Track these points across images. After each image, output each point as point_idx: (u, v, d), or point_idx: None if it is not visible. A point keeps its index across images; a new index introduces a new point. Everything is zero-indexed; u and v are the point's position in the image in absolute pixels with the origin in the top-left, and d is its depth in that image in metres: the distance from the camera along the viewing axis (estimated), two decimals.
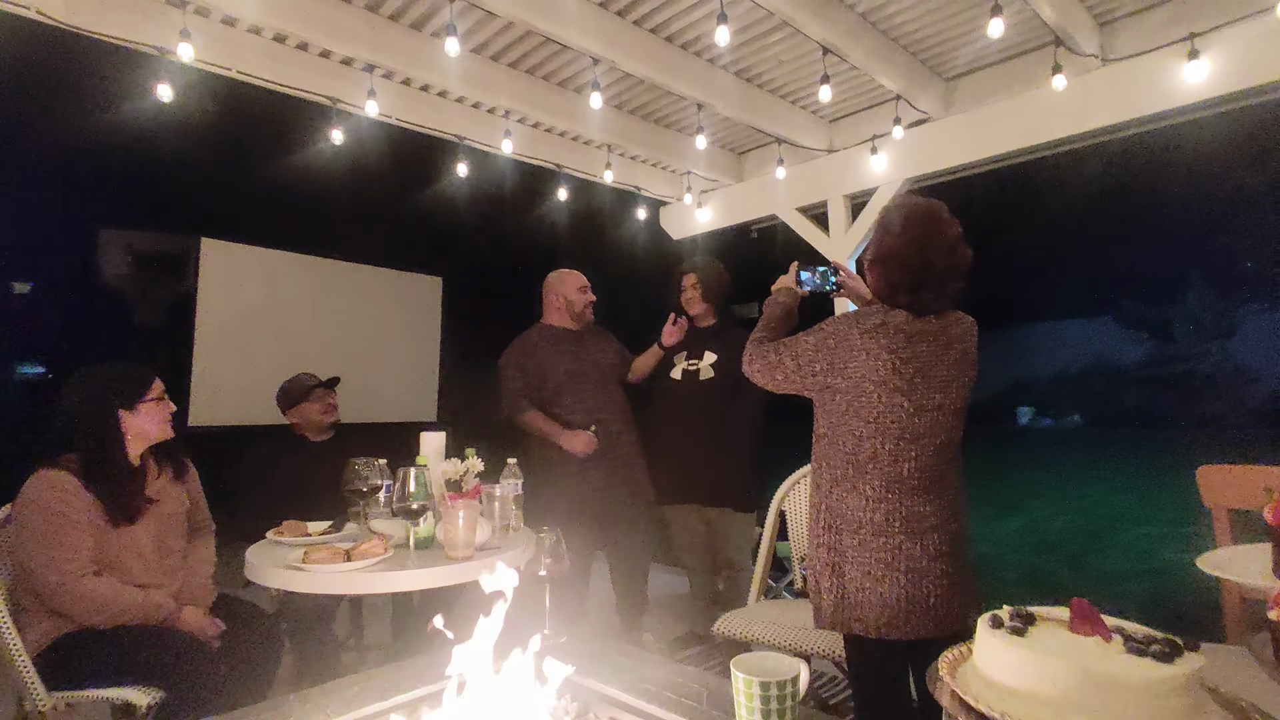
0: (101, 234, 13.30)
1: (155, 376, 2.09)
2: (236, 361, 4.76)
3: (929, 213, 1.65)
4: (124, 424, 1.99)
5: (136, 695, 1.80)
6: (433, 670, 1.33)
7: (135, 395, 2.00)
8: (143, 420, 2.02)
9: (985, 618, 0.91)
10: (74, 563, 1.83)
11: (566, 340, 3.15)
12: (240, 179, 4.71)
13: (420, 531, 1.95)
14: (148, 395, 2.02)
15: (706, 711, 1.20)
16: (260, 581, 1.92)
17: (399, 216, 5.43)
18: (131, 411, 2.00)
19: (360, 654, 2.94)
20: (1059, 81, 2.97)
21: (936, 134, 3.59)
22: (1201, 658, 0.80)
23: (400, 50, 2.96)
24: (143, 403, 2.01)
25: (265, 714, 1.24)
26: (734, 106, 3.49)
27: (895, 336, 1.61)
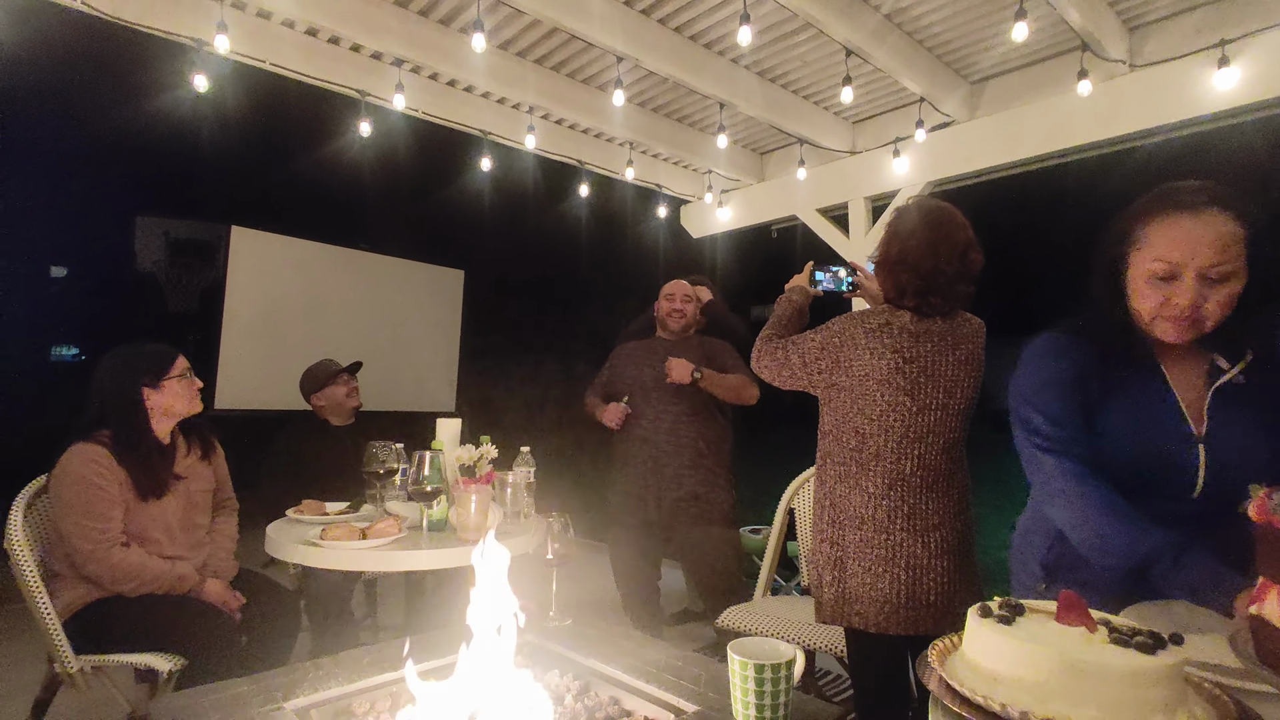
0: (137, 221, 13.60)
1: (178, 354, 2.15)
2: (262, 347, 4.86)
3: (940, 216, 1.66)
4: (149, 401, 2.07)
5: (160, 661, 1.88)
6: (441, 645, 1.37)
7: (158, 373, 2.08)
8: (168, 397, 2.09)
9: (975, 608, 0.93)
10: (106, 533, 1.91)
11: (653, 350, 3.08)
12: (270, 169, 4.83)
13: (434, 514, 2.00)
14: (171, 372, 2.09)
15: (703, 693, 1.23)
16: (279, 556, 1.98)
17: (423, 209, 5.52)
18: (156, 389, 2.07)
19: (375, 634, 3.01)
20: (1085, 86, 2.95)
21: (960, 137, 3.58)
22: (1185, 651, 0.81)
23: (428, 45, 3.02)
24: (166, 380, 2.08)
25: (282, 679, 1.29)
26: (756, 106, 3.51)
27: (900, 336, 1.62)
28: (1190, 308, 1.11)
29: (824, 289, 1.99)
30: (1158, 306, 1.14)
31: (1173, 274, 1.12)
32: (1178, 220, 1.13)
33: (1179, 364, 1.20)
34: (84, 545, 1.89)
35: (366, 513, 2.28)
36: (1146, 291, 1.15)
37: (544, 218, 5.33)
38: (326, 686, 1.26)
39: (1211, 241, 1.10)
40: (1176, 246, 1.12)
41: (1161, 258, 1.13)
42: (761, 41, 3.15)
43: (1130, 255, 1.18)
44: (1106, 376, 1.20)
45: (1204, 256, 1.10)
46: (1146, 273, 1.15)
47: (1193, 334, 1.14)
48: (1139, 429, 1.17)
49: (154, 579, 1.95)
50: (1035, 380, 1.25)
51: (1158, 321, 1.15)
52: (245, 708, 1.17)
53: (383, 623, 3.12)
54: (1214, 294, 1.11)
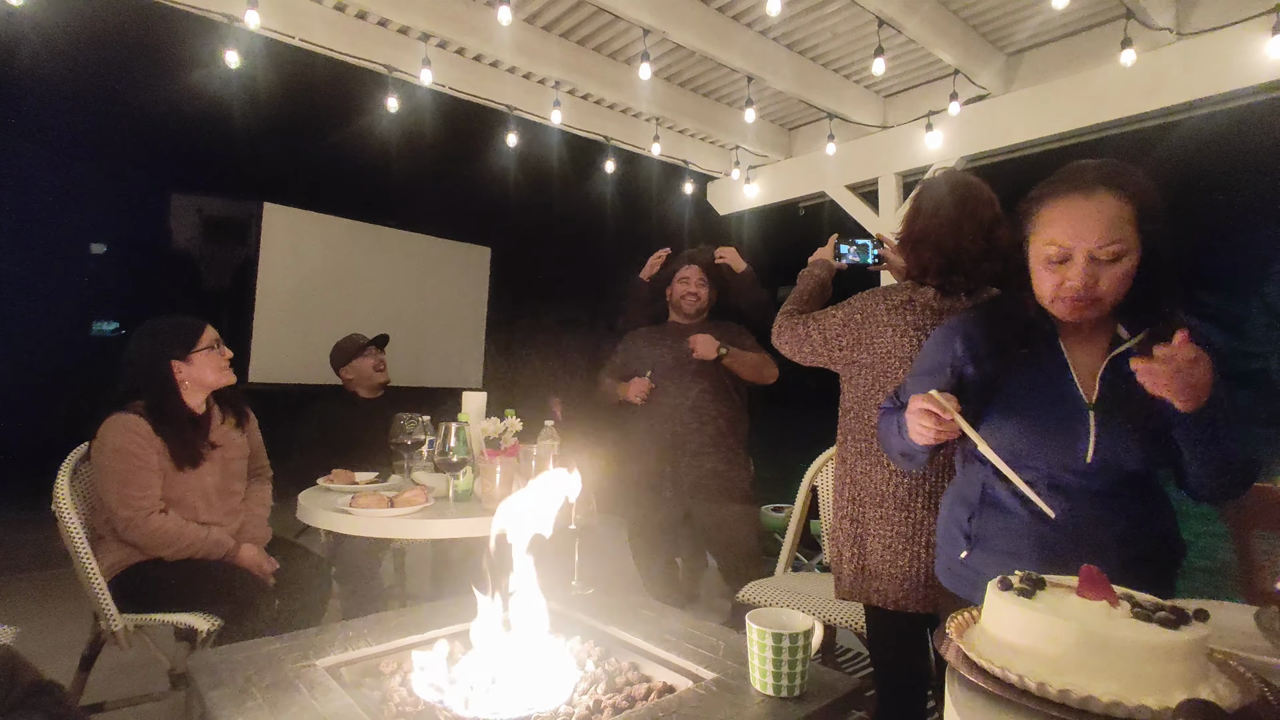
0: (172, 199, 13.85)
1: (206, 326, 2.19)
2: (294, 323, 4.96)
3: (965, 193, 1.62)
4: (179, 373, 2.11)
5: (199, 621, 1.95)
6: (468, 611, 1.41)
7: (186, 345, 2.12)
8: (198, 369, 2.13)
9: (995, 581, 0.93)
10: (145, 500, 1.98)
11: (670, 332, 3.09)
12: (300, 145, 4.88)
13: (460, 484, 2.04)
14: (199, 345, 2.13)
15: (721, 661, 1.24)
16: (310, 523, 2.04)
17: (450, 185, 5.55)
18: (185, 361, 2.12)
19: (403, 602, 3.09)
20: (1128, 56, 2.84)
21: (996, 111, 3.48)
22: (1208, 628, 0.80)
23: (455, 19, 3.01)
24: (195, 352, 2.12)
25: (313, 639, 1.34)
26: (786, 80, 3.44)
27: (922, 313, 1.60)
28: (1083, 288, 1.14)
29: (848, 262, 1.97)
30: (1054, 288, 1.18)
31: (1065, 256, 1.16)
32: (1067, 203, 1.16)
33: (1082, 338, 1.25)
34: (124, 512, 1.96)
35: (394, 483, 2.34)
36: (1043, 274, 1.20)
37: (569, 194, 5.33)
38: (356, 646, 1.31)
39: (1100, 222, 1.13)
40: (1066, 229, 1.15)
41: (1053, 240, 1.17)
42: (791, 12, 3.08)
43: (1029, 238, 1.23)
44: (1012, 353, 1.26)
45: (1093, 237, 1.13)
46: (1042, 256, 1.19)
47: (1090, 313, 1.18)
48: (1036, 400, 1.23)
49: (191, 544, 2.02)
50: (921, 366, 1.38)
51: (1055, 302, 1.19)
52: (279, 664, 1.22)
53: (411, 591, 3.20)
54: (1106, 273, 1.15)
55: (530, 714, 1.11)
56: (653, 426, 3.00)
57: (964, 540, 1.32)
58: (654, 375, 3.00)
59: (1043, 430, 1.22)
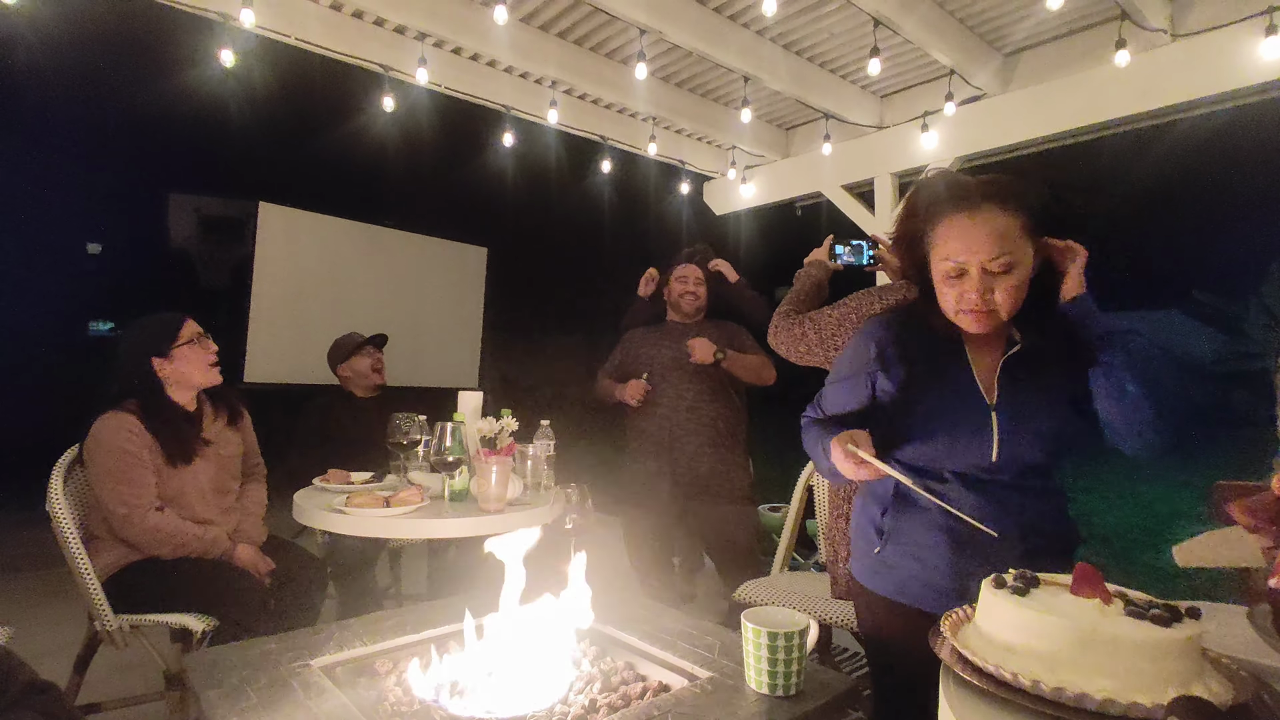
0: (169, 198, 13.81)
1: (185, 320, 2.15)
2: (290, 323, 4.94)
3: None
4: (162, 371, 2.10)
5: (193, 621, 1.95)
6: (463, 611, 1.41)
7: (165, 341, 2.09)
8: (180, 364, 2.11)
9: (989, 579, 0.94)
10: (140, 498, 1.97)
11: (668, 332, 3.09)
12: (296, 145, 4.88)
13: (455, 484, 2.03)
14: (178, 340, 2.11)
15: (717, 660, 1.25)
16: (306, 522, 2.04)
17: (447, 186, 5.55)
18: (166, 358, 2.10)
19: (398, 602, 3.09)
20: (1123, 57, 2.85)
21: (991, 111, 3.49)
22: (1201, 625, 0.80)
23: (451, 18, 3.01)
24: (175, 348, 2.10)
25: (308, 639, 1.33)
26: (782, 80, 3.45)
27: None
28: (980, 301, 1.20)
29: (844, 263, 1.97)
30: (955, 302, 1.24)
31: (961, 271, 1.21)
32: (956, 221, 1.22)
33: (982, 344, 1.32)
34: (119, 510, 1.96)
35: (390, 482, 2.33)
36: (944, 290, 1.26)
37: (566, 194, 5.33)
38: (351, 646, 1.30)
39: (989, 237, 1.18)
40: (959, 246, 1.21)
41: (949, 256, 1.22)
42: (787, 12, 3.08)
43: (930, 256, 1.28)
44: (917, 359, 1.33)
45: (984, 252, 1.19)
46: (941, 271, 1.25)
47: (990, 324, 1.24)
48: (945, 405, 1.30)
49: (188, 542, 2.02)
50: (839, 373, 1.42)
51: (959, 315, 1.25)
52: (274, 664, 1.21)
53: (406, 591, 3.19)
54: (1000, 285, 1.20)
55: (526, 713, 1.11)
56: (650, 427, 3.00)
57: (877, 536, 1.37)
58: (651, 376, 3.00)
59: (953, 433, 1.29)
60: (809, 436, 1.44)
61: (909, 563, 1.33)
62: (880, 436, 1.37)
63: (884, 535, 1.36)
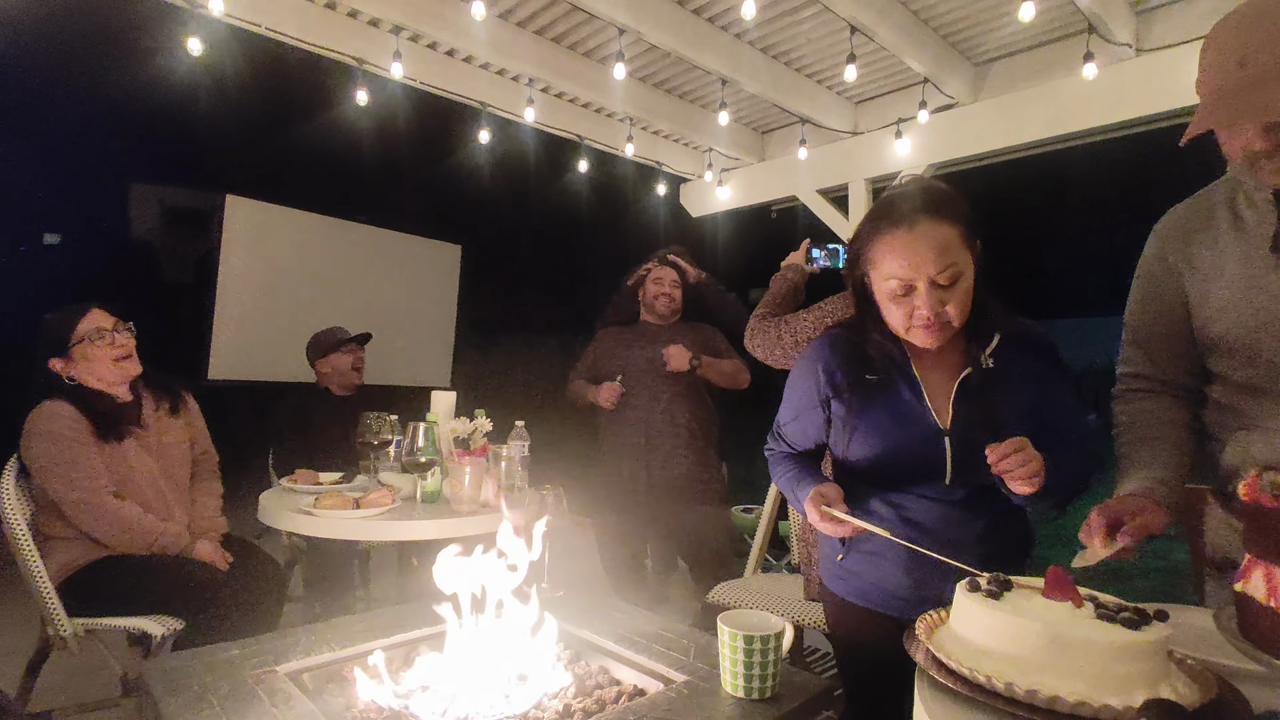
0: (130, 188, 13.42)
1: (84, 315, 2.01)
2: (256, 319, 4.84)
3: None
4: (67, 370, 2.00)
5: (153, 625, 1.89)
6: (435, 614, 1.38)
7: (60, 342, 1.99)
8: (84, 364, 1.99)
9: (963, 583, 0.94)
10: (93, 479, 1.92)
11: (643, 334, 3.07)
12: (266, 137, 4.77)
13: (428, 485, 2.00)
14: (74, 338, 1.99)
15: (693, 664, 1.24)
16: (272, 524, 1.99)
17: (420, 182, 5.47)
18: (65, 358, 1.99)
19: (368, 605, 3.03)
20: (1090, 70, 2.92)
21: (963, 119, 3.55)
22: (1169, 628, 0.82)
23: (427, 12, 2.97)
24: (73, 346, 1.99)
25: (274, 643, 1.30)
26: (759, 83, 3.47)
27: None
28: (932, 315, 1.20)
29: (820, 266, 1.99)
30: (906, 319, 1.23)
31: (908, 287, 1.21)
32: (895, 238, 1.21)
33: (934, 362, 1.31)
34: (72, 495, 1.89)
35: (360, 483, 2.29)
36: (892, 308, 1.25)
37: (542, 193, 5.28)
38: (319, 651, 1.27)
39: (932, 249, 1.18)
40: (904, 262, 1.20)
41: (894, 275, 1.21)
42: (765, 17, 3.10)
43: (870, 277, 1.28)
44: (863, 379, 1.33)
45: (930, 266, 1.18)
46: (886, 291, 1.24)
47: (945, 336, 1.24)
48: (896, 427, 1.30)
49: (147, 533, 1.96)
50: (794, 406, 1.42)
51: (912, 331, 1.25)
52: (238, 670, 1.18)
53: (375, 594, 3.14)
54: (950, 296, 1.20)
55: (499, 718, 1.09)
56: (624, 430, 2.99)
57: (840, 544, 1.39)
58: (626, 378, 2.99)
59: (906, 456, 1.29)
60: (779, 473, 1.44)
61: (870, 570, 1.36)
62: (835, 458, 1.41)
63: (846, 543, 1.38)
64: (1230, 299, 1.18)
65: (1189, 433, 1.26)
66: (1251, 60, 0.98)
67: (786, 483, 1.40)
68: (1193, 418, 1.28)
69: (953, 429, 1.27)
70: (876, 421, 1.31)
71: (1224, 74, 1.01)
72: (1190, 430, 1.26)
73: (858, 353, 1.34)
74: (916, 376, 1.30)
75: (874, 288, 1.28)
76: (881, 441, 1.30)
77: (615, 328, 3.17)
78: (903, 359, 1.31)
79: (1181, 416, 1.27)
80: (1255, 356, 1.17)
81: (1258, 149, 1.03)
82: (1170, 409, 1.27)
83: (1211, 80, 1.05)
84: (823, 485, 1.26)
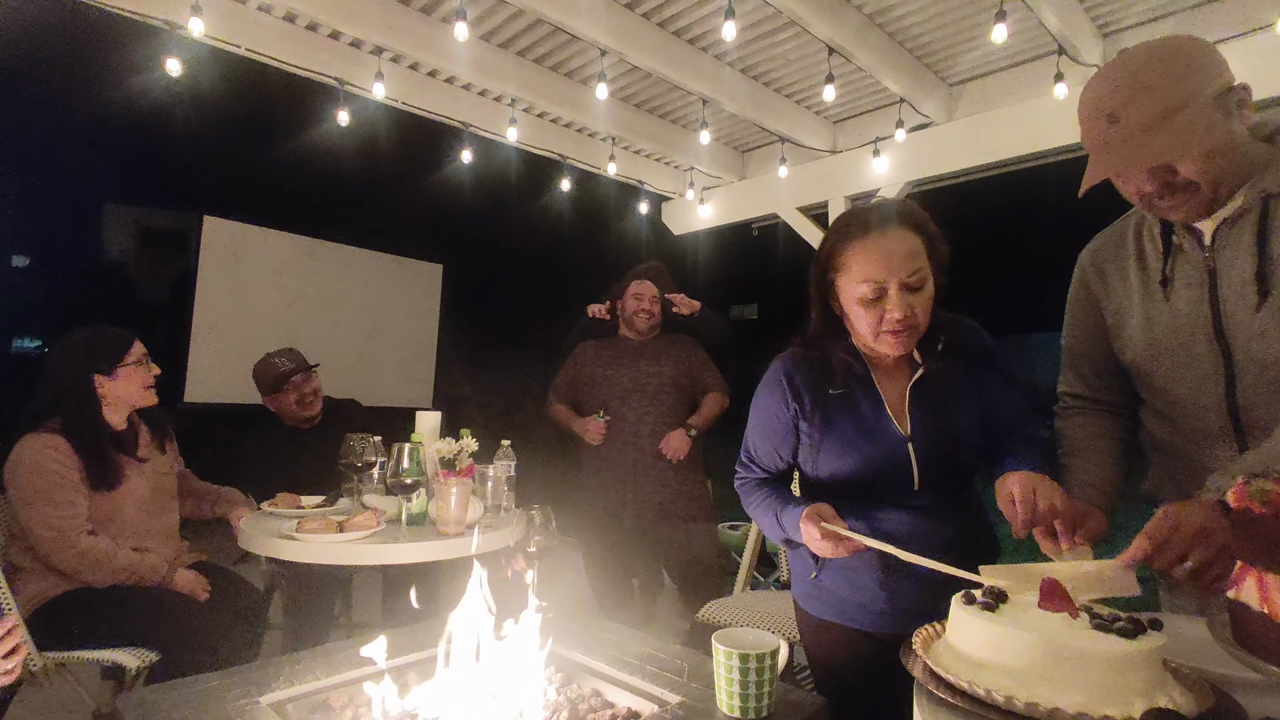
0: (105, 209, 13.24)
1: (134, 340, 2.09)
2: (234, 341, 4.77)
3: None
4: (102, 389, 2.01)
5: (126, 658, 1.83)
6: (421, 640, 1.36)
7: (112, 359, 2.01)
8: (122, 385, 2.03)
9: (959, 595, 0.94)
10: (71, 519, 1.87)
11: (624, 351, 3.07)
12: (245, 158, 4.75)
13: (413, 507, 1.97)
14: (126, 359, 2.03)
15: (686, 684, 1.22)
16: (253, 550, 1.94)
17: (402, 202, 5.47)
18: (110, 377, 2.01)
19: (349, 632, 2.97)
20: (1061, 90, 2.99)
21: (939, 138, 3.62)
22: (1163, 636, 0.82)
23: (410, 33, 2.98)
24: (121, 367, 2.02)
25: (256, 673, 1.26)
26: (739, 103, 3.51)
27: None
28: (903, 319, 1.23)
29: None
30: (876, 324, 1.25)
31: (880, 291, 1.24)
32: (870, 242, 1.24)
33: (889, 373, 1.35)
34: (46, 534, 1.84)
35: (343, 506, 2.25)
36: (861, 313, 1.27)
37: (525, 212, 5.30)
38: (303, 680, 1.24)
39: (904, 254, 1.23)
40: (878, 265, 1.23)
41: (868, 279, 1.24)
42: (745, 38, 3.15)
43: (838, 282, 1.30)
44: (826, 394, 1.34)
45: (902, 269, 1.22)
46: (857, 297, 1.26)
47: (912, 342, 1.28)
48: (862, 439, 1.32)
49: (124, 568, 1.91)
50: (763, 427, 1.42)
51: (881, 337, 1.27)
52: (218, 702, 1.14)
53: (358, 620, 3.07)
54: (917, 301, 1.24)
55: None
56: (610, 451, 2.98)
57: (812, 561, 1.39)
58: (609, 402, 2.99)
59: (876, 467, 1.31)
60: (753, 502, 1.43)
61: (844, 586, 1.36)
62: (804, 475, 1.42)
63: (819, 560, 1.38)
64: (1134, 329, 1.24)
65: (1123, 445, 1.32)
66: (1120, 115, 1.06)
67: (764, 508, 1.39)
68: (1127, 430, 1.33)
69: (914, 435, 1.30)
70: (842, 435, 1.33)
71: (1100, 130, 1.09)
72: (1125, 442, 1.32)
73: (818, 367, 1.36)
74: (877, 387, 1.33)
75: (841, 295, 1.30)
76: (849, 455, 1.32)
77: (594, 343, 3.16)
78: (864, 371, 1.34)
79: (1116, 429, 1.33)
80: (1153, 386, 1.24)
81: (1148, 190, 1.11)
82: (1104, 424, 1.33)
83: (1091, 136, 1.12)
84: (816, 504, 1.26)
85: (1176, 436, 1.23)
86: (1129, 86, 1.07)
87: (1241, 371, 1.12)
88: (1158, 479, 1.29)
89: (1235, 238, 1.11)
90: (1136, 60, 1.09)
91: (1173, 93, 1.04)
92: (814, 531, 1.22)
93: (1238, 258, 1.11)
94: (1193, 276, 1.16)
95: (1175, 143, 1.03)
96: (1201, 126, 1.03)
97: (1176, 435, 1.23)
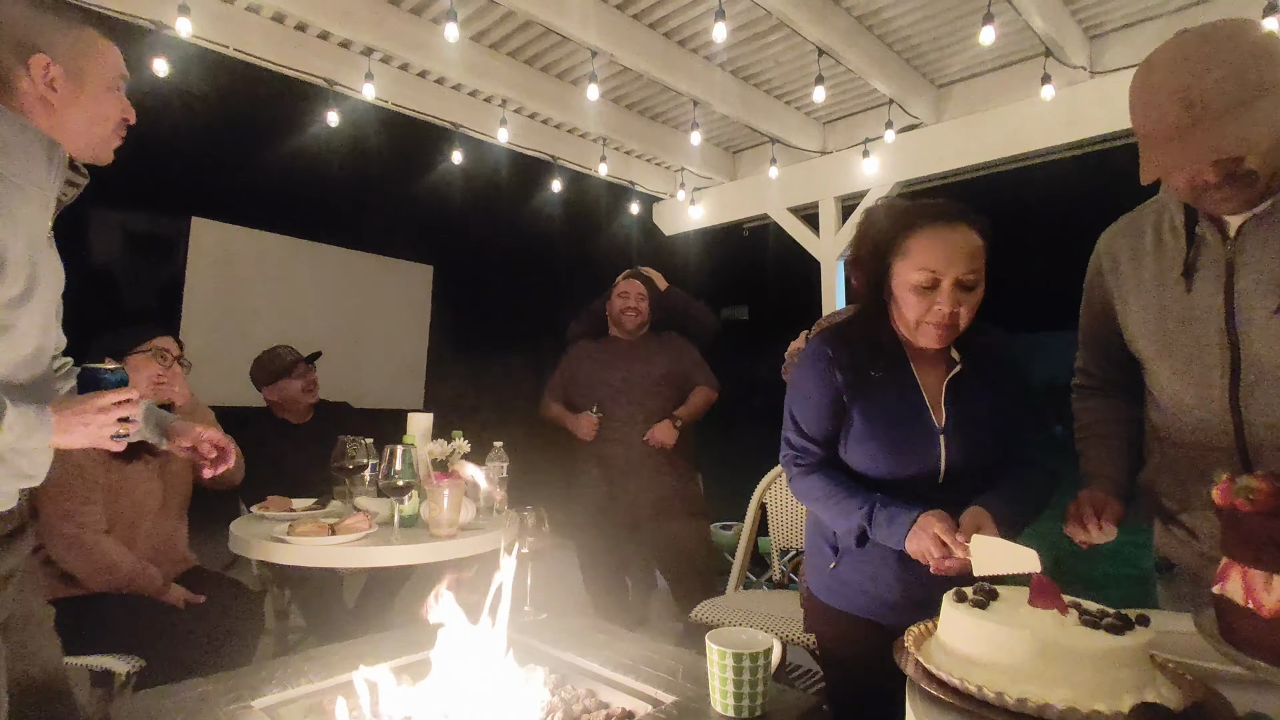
0: (90, 212, 13.10)
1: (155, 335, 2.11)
2: (224, 344, 4.72)
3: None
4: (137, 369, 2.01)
5: (116, 664, 1.81)
6: (415, 641, 1.35)
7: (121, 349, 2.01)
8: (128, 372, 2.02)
9: (950, 593, 0.95)
10: (90, 516, 1.89)
11: (615, 351, 3.08)
12: (233, 159, 4.69)
13: (405, 509, 1.97)
14: (136, 349, 2.04)
15: (680, 684, 1.23)
16: (243, 554, 1.93)
17: (392, 203, 5.42)
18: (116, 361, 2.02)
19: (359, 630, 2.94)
20: (1048, 92, 3.03)
21: (927, 139, 3.65)
22: (1151, 632, 0.84)
23: (400, 34, 2.97)
24: (130, 355, 2.03)
25: (248, 678, 1.26)
26: (730, 104, 3.53)
27: None
28: (950, 314, 1.24)
29: None
30: (923, 313, 1.26)
31: (935, 282, 1.23)
32: (936, 233, 1.24)
33: (927, 362, 1.35)
34: (67, 529, 1.86)
35: (334, 509, 2.24)
36: (911, 300, 1.26)
37: (515, 213, 5.27)
38: (296, 684, 1.23)
39: (965, 251, 1.23)
40: (939, 256, 1.23)
41: (925, 267, 1.24)
42: (736, 40, 3.16)
43: (895, 265, 1.29)
44: (867, 375, 1.33)
45: (960, 265, 1.22)
46: (911, 283, 1.25)
47: (950, 338, 1.28)
48: (893, 424, 1.32)
49: (126, 575, 1.92)
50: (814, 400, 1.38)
51: (923, 327, 1.27)
52: (210, 707, 1.14)
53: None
54: (966, 300, 1.25)
55: None
56: (605, 451, 2.99)
57: (831, 553, 1.39)
58: (602, 402, 3.00)
59: (905, 451, 1.31)
60: (817, 489, 1.36)
61: (862, 579, 1.36)
62: None
63: (839, 552, 1.38)
64: (1144, 319, 1.25)
65: (1135, 426, 1.33)
66: (1196, 100, 0.99)
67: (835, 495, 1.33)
68: (1140, 411, 1.34)
69: (946, 428, 1.30)
70: (878, 417, 1.32)
71: (1170, 115, 1.02)
72: (1137, 422, 1.34)
73: (863, 346, 1.34)
74: (914, 373, 1.33)
75: (895, 279, 1.28)
76: (882, 437, 1.31)
77: (587, 343, 3.17)
78: (903, 358, 1.34)
79: (1130, 413, 1.34)
80: (1158, 376, 1.25)
81: (1210, 180, 1.05)
82: (1119, 407, 1.35)
83: (1157, 121, 1.05)
84: (930, 511, 1.21)
85: (1177, 429, 1.23)
86: (1206, 72, 0.99)
87: (1247, 368, 1.11)
88: (1155, 469, 1.29)
89: (1264, 235, 1.09)
90: (1212, 43, 1.01)
91: (1252, 79, 0.98)
92: (926, 543, 1.18)
93: (1264, 255, 1.09)
94: (1210, 269, 1.15)
95: (1255, 132, 0.98)
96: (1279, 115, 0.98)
97: (1177, 427, 1.23)
